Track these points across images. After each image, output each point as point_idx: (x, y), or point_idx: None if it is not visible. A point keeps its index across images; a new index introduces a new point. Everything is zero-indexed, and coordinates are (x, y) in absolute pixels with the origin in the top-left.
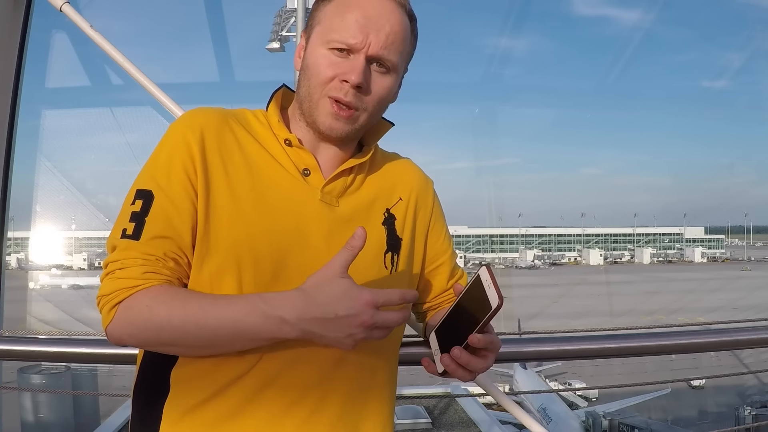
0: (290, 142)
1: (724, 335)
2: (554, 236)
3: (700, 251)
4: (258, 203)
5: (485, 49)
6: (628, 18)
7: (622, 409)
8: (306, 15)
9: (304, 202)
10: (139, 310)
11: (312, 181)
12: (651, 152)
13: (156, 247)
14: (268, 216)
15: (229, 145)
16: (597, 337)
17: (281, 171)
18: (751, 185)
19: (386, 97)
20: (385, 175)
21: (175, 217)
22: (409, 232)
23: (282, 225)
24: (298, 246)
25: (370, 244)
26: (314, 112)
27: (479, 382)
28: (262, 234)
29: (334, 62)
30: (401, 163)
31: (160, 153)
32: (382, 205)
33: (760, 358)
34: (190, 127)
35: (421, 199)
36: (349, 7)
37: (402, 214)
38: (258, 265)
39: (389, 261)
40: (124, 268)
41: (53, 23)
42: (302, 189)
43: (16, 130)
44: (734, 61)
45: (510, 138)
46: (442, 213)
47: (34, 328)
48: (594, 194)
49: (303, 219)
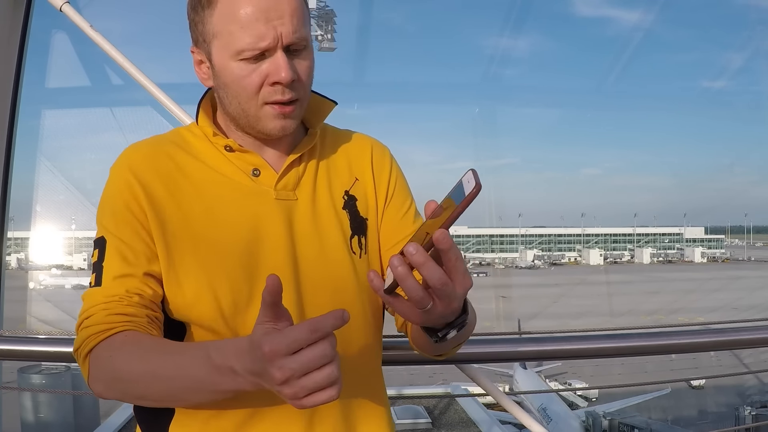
0: (231, 148)
1: (724, 335)
2: (554, 236)
3: (700, 251)
4: (213, 222)
5: (485, 49)
6: (629, 18)
7: (622, 409)
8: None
9: (259, 206)
10: (104, 362)
11: (263, 180)
12: (651, 152)
13: (116, 286)
14: (227, 231)
15: (169, 173)
16: (597, 337)
17: (228, 181)
18: (751, 185)
19: (313, 72)
20: (339, 156)
21: (129, 254)
22: (374, 209)
23: (243, 236)
24: (266, 251)
25: (332, 231)
26: (258, 124)
27: (479, 382)
28: (225, 252)
29: (255, 70)
30: (353, 140)
31: (105, 200)
32: (340, 188)
33: (760, 358)
34: (127, 168)
35: (378, 172)
36: (237, 6)
37: (362, 193)
38: (231, 283)
39: (356, 245)
40: (89, 317)
41: (53, 23)
42: (255, 192)
43: (16, 130)
44: (734, 61)
45: (510, 138)
46: (404, 185)
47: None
48: (594, 194)
49: (263, 223)
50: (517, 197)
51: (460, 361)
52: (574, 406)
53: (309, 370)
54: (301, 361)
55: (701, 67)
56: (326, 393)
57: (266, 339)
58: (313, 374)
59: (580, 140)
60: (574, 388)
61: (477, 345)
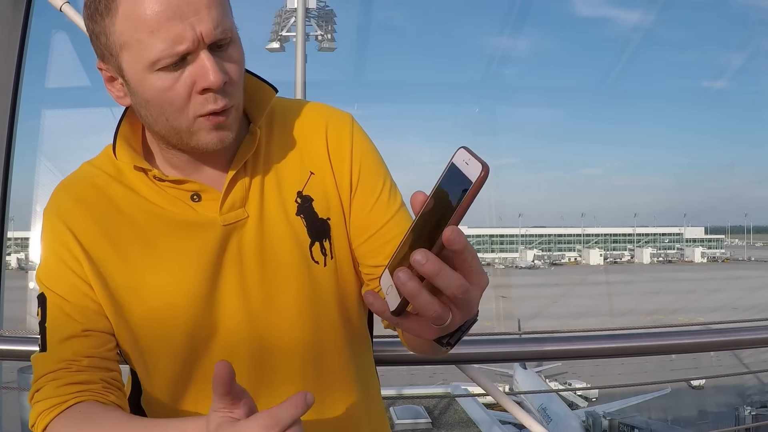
0: (160, 178)
1: (724, 335)
2: (554, 236)
3: (700, 251)
4: (156, 266)
5: (485, 48)
6: (628, 18)
7: (622, 409)
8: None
9: (207, 240)
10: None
11: (206, 206)
12: (651, 152)
13: (63, 350)
14: (175, 275)
15: (104, 213)
16: (597, 337)
17: (167, 215)
18: (751, 185)
19: (243, 66)
20: (288, 149)
21: (73, 312)
22: (337, 205)
23: (194, 277)
24: (223, 290)
25: (289, 243)
26: (192, 140)
27: (479, 382)
28: (177, 298)
29: (178, 79)
30: (304, 121)
31: (42, 251)
32: (291, 190)
33: (760, 358)
34: (55, 214)
35: (337, 158)
36: (142, 6)
37: (320, 189)
38: (188, 332)
39: (318, 252)
40: (40, 389)
41: (53, 23)
42: (198, 227)
43: (16, 130)
44: (734, 61)
45: (510, 138)
46: (372, 164)
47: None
48: (594, 194)
49: (214, 258)
50: (517, 197)
51: (460, 361)
52: (574, 406)
53: None
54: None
55: (701, 67)
56: None
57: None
58: None
59: (580, 140)
60: (574, 388)
61: (477, 345)
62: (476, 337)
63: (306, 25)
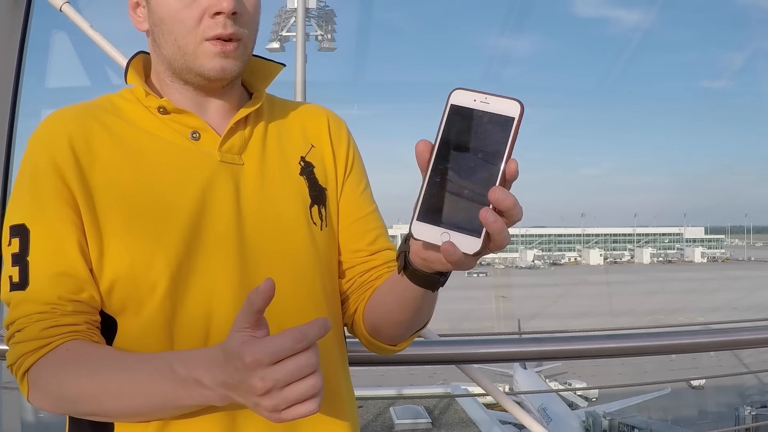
0: (165, 109)
1: (724, 335)
2: (554, 236)
3: (700, 251)
4: (149, 189)
5: (485, 48)
6: (629, 18)
7: (622, 409)
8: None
9: (202, 170)
10: (48, 381)
11: (204, 144)
12: (651, 152)
13: (47, 291)
14: (165, 199)
15: (99, 140)
16: (597, 337)
17: (166, 145)
18: (751, 185)
19: (259, 10)
20: (290, 122)
21: (59, 249)
22: (333, 179)
23: (184, 205)
24: (210, 222)
25: (291, 199)
26: (195, 64)
27: (479, 382)
28: (166, 226)
29: (194, 1)
30: (306, 108)
31: (24, 178)
32: (294, 154)
33: (760, 358)
34: (50, 138)
35: (336, 140)
36: None
37: (320, 161)
38: (168, 258)
39: (317, 215)
40: (22, 330)
41: (53, 23)
42: (196, 155)
43: (16, 130)
44: (734, 61)
45: None
46: (361, 161)
47: None
48: (594, 194)
49: (206, 189)
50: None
51: (460, 361)
52: (574, 406)
53: (292, 380)
54: (285, 371)
55: (701, 67)
56: (307, 405)
57: (248, 348)
58: (296, 385)
59: (580, 140)
60: (574, 388)
61: (477, 345)
62: (476, 337)
63: (306, 25)
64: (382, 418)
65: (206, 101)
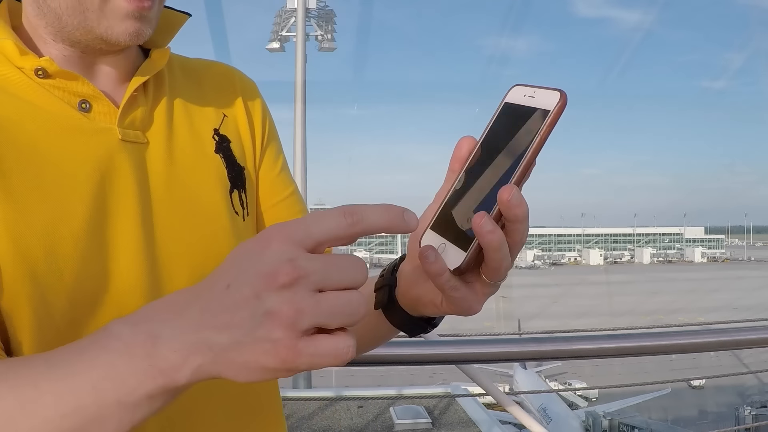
0: (46, 72)
1: (724, 335)
2: (554, 236)
3: (700, 251)
4: (32, 175)
5: (485, 49)
6: (629, 19)
7: (622, 409)
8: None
9: (97, 151)
10: None
11: (98, 116)
12: (651, 152)
13: None
14: (55, 194)
15: None
16: (597, 337)
17: (49, 116)
18: (751, 185)
19: None
20: (197, 86)
21: None
22: (251, 155)
23: (77, 197)
24: (112, 219)
25: (208, 184)
26: (100, 26)
27: (479, 382)
28: (52, 223)
29: None
30: (211, 67)
31: None
32: (206, 126)
33: (760, 358)
34: None
35: (250, 105)
36: None
37: (234, 133)
38: (62, 271)
39: (238, 203)
40: None
41: None
42: (89, 133)
43: None
44: (734, 61)
45: None
46: (276, 131)
47: None
48: (594, 194)
49: (105, 177)
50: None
51: (460, 361)
52: (574, 406)
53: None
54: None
55: (701, 67)
56: (340, 340)
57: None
58: (335, 293)
59: (580, 140)
60: (574, 388)
61: (477, 345)
62: (476, 337)
63: (306, 25)
64: (382, 418)
65: (95, 63)
